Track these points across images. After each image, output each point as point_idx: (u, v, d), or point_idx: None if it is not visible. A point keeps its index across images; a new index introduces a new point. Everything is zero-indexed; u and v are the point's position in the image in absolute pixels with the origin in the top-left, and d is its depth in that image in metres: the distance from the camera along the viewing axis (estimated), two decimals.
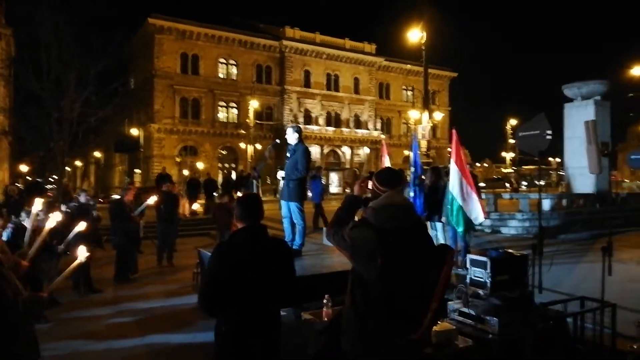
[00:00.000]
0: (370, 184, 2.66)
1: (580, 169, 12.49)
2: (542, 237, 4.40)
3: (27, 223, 5.77)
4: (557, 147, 14.55)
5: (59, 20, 16.76)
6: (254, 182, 7.33)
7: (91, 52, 17.13)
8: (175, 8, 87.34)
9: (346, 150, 49.29)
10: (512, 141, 48.28)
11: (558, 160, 44.54)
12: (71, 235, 5.81)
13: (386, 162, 8.94)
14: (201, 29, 42.08)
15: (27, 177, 40.55)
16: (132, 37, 39.61)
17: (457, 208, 6.98)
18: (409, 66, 50.70)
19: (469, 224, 7.09)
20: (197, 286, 7.37)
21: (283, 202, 6.39)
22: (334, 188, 40.23)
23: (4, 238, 5.43)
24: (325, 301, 3.70)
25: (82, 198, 8.24)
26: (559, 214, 12.06)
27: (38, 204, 4.38)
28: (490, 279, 3.66)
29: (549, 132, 6.09)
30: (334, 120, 48.85)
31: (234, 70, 44.74)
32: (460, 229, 7.07)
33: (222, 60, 44.01)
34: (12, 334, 2.57)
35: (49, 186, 28.48)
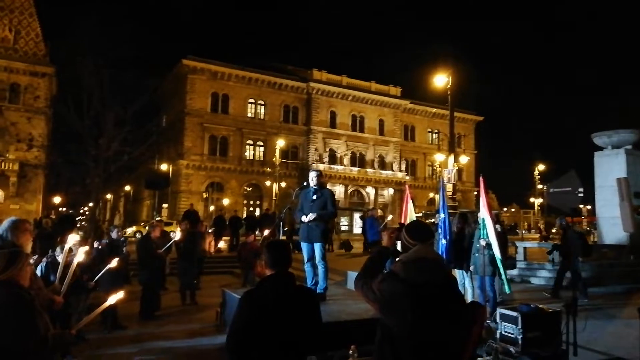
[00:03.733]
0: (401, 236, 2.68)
1: (612, 219, 12.13)
2: (575, 296, 4.27)
3: (60, 258, 5.94)
4: (587, 195, 14.23)
5: (99, 61, 17.66)
6: (281, 223, 7.39)
7: (129, 92, 17.93)
8: (207, 50, 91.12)
9: (370, 191, 49.24)
10: (540, 186, 47.40)
11: (589, 207, 43.37)
12: (102, 272, 5.96)
13: (410, 207, 8.90)
14: (232, 70, 43.62)
15: (60, 209, 41.74)
16: (166, 78, 41.36)
17: (500, 263, 6.77)
18: (434, 109, 51.06)
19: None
20: (219, 326, 7.34)
21: (304, 245, 6.36)
22: (357, 229, 39.88)
23: (37, 273, 5.58)
24: (351, 352, 3.65)
25: (114, 234, 8.42)
26: (591, 265, 11.64)
27: (72, 239, 4.51)
28: (521, 336, 3.57)
29: (581, 190, 6.01)
30: (358, 160, 49.13)
31: (262, 110, 45.89)
32: (507, 289, 6.87)
33: (251, 100, 45.28)
34: None
35: (79, 218, 29.20)
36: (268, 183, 41.13)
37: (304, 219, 6.17)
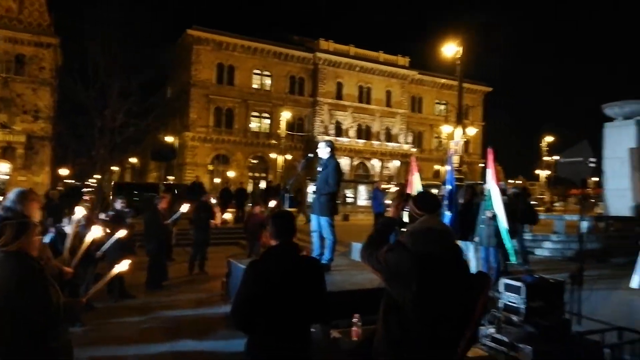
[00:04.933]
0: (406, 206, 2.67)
1: (620, 191, 12.04)
2: (582, 265, 4.27)
3: (68, 229, 6.00)
4: (595, 166, 14.09)
5: (104, 32, 17.46)
6: (286, 195, 7.39)
7: (134, 63, 17.78)
8: (212, 20, 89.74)
9: (376, 163, 49.10)
10: (546, 159, 47.03)
11: (596, 179, 43.09)
12: (109, 242, 6.01)
13: (416, 178, 8.86)
14: (237, 40, 43.00)
15: (67, 181, 42.08)
16: (171, 48, 40.88)
17: (505, 234, 6.78)
18: (442, 80, 50.37)
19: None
20: (225, 296, 7.46)
21: (313, 216, 6.43)
22: (362, 201, 40.00)
23: (46, 241, 5.65)
24: (355, 320, 3.70)
25: (118, 205, 8.47)
26: (597, 236, 11.65)
27: (80, 211, 4.54)
28: (524, 305, 3.59)
29: (593, 159, 5.92)
30: (364, 132, 48.84)
31: (267, 81, 45.44)
32: (513, 259, 6.90)
33: (256, 71, 44.78)
34: (54, 336, 2.67)
35: (85, 190, 29.45)
36: (273, 155, 41.10)
37: (309, 190, 6.21)
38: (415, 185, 8.48)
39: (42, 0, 38.59)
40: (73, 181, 42.87)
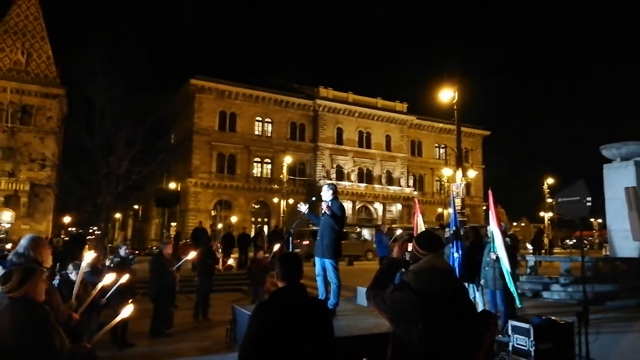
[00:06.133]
0: (410, 247, 2.71)
1: (623, 232, 11.98)
2: (587, 305, 4.24)
3: (73, 276, 6.00)
4: (597, 208, 14.12)
5: (109, 82, 18.00)
6: (290, 239, 7.40)
7: (139, 111, 18.24)
8: (214, 69, 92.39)
9: (378, 207, 49.11)
10: (549, 200, 47.00)
11: (599, 221, 42.86)
12: (113, 288, 5.99)
13: (419, 221, 8.89)
14: (239, 89, 44.13)
15: (69, 229, 42.02)
16: (174, 96, 41.91)
17: (508, 277, 6.72)
18: (440, 124, 51.16)
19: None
20: (230, 343, 7.33)
21: (317, 259, 6.41)
22: None
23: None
24: None
25: (122, 251, 8.48)
26: (603, 278, 11.51)
27: (88, 257, 4.57)
28: (534, 348, 3.56)
29: (589, 199, 6.00)
30: (365, 176, 49.15)
31: (269, 128, 46.25)
32: (518, 303, 6.82)
33: (258, 118, 45.68)
34: None
35: (89, 237, 29.38)
36: (276, 200, 41.20)
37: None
38: (420, 227, 8.51)
39: (49, 52, 39.99)
40: (74, 229, 42.80)
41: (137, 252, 27.94)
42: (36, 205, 36.62)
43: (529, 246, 27.61)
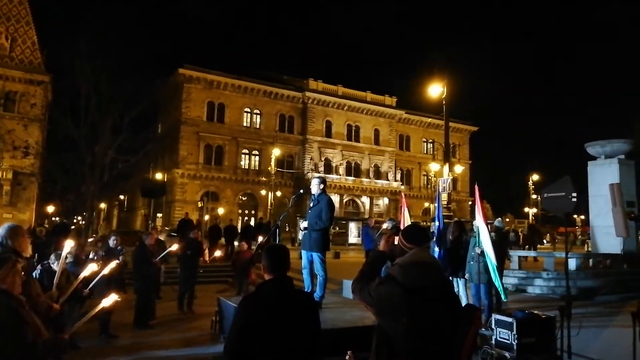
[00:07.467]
0: (396, 240, 2.70)
1: (606, 228, 12.21)
2: (569, 300, 4.30)
3: (55, 266, 5.91)
4: (581, 204, 14.33)
5: (96, 68, 17.69)
6: (277, 230, 7.38)
7: (126, 99, 17.96)
8: (203, 59, 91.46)
9: (365, 200, 49.29)
10: (534, 196, 47.56)
11: (582, 217, 43.53)
12: (97, 279, 5.92)
13: (406, 215, 8.94)
14: (228, 79, 43.78)
15: (53, 219, 41.47)
16: (162, 86, 41.40)
17: (494, 271, 6.78)
18: (429, 119, 51.40)
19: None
20: (215, 334, 7.31)
21: (304, 252, 6.42)
22: (352, 238, 39.85)
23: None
24: (347, 358, 3.65)
25: (111, 242, 8.37)
26: (586, 274, 11.71)
27: (68, 245, 4.48)
28: (516, 341, 3.59)
29: (574, 194, 6.07)
30: (354, 170, 49.26)
31: (257, 119, 46.04)
32: (503, 297, 6.90)
33: (247, 109, 45.41)
34: None
35: (73, 227, 29.00)
36: (263, 192, 41.12)
37: (301, 225, 6.24)
38: (406, 222, 8.56)
39: (34, 38, 39.17)
40: (58, 218, 42.25)
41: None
42: (19, 194, 36.01)
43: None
